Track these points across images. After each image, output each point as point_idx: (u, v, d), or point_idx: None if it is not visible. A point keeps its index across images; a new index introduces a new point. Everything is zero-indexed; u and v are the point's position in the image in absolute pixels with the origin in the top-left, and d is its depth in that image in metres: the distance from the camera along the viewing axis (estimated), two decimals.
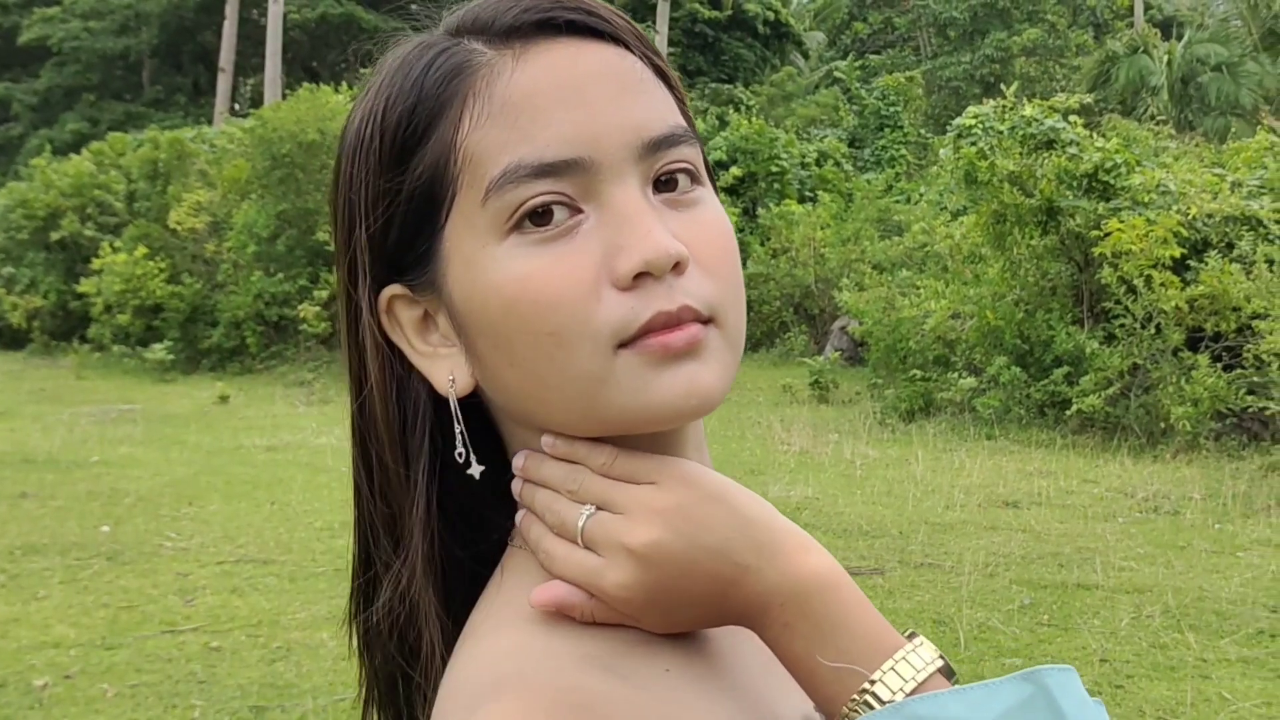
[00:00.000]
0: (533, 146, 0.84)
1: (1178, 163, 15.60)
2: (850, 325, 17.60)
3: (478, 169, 0.86)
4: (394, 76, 0.90)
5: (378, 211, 0.90)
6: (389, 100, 0.89)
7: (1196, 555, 8.01)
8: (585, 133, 0.85)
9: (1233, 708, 5.51)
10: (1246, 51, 34.95)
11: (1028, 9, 42.10)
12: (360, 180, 0.90)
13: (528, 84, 0.86)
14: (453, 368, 0.91)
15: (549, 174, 0.84)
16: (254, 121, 21.71)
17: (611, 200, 0.85)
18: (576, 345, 0.84)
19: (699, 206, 0.90)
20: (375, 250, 0.91)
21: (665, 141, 0.88)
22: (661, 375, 0.85)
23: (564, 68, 0.87)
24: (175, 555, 8.26)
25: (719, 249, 0.89)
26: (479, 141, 0.86)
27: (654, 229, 0.84)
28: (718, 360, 0.87)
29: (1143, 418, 12.35)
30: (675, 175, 0.89)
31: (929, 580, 7.51)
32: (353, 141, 0.92)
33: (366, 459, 0.94)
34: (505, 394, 0.91)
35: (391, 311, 0.92)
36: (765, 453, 11.99)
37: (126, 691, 5.82)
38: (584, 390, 0.86)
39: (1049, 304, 13.99)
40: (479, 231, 0.86)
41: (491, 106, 0.86)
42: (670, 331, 0.85)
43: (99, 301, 21.42)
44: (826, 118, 33.13)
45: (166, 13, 42.24)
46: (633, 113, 0.87)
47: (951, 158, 14.83)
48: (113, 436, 13.45)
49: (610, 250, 0.84)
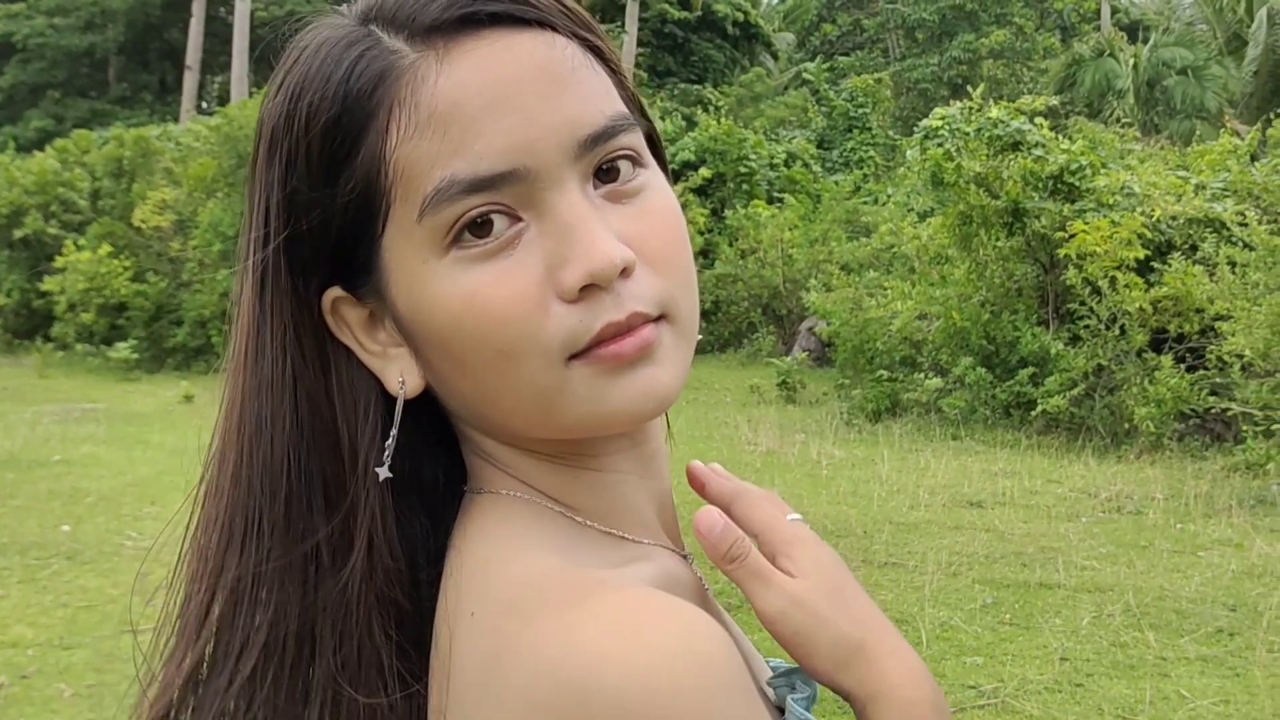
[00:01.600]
0: (465, 160, 0.82)
1: (1143, 165, 15.69)
2: (818, 326, 17.63)
3: (410, 183, 0.83)
4: (312, 78, 0.86)
5: (311, 216, 0.87)
6: (311, 107, 0.85)
7: (1158, 555, 8.06)
8: (520, 140, 0.82)
9: (1191, 705, 5.54)
10: (1211, 55, 35.26)
11: (995, 12, 42.34)
12: (288, 185, 0.87)
13: (455, 90, 0.83)
14: (403, 369, 0.89)
15: (485, 188, 0.82)
16: (220, 119, 21.61)
17: (552, 208, 0.83)
18: (527, 360, 0.83)
19: (644, 194, 0.88)
20: (309, 251, 0.88)
21: (602, 136, 0.85)
22: (618, 383, 0.85)
23: (492, 69, 0.83)
24: (136, 555, 8.19)
25: (666, 240, 0.88)
26: (408, 155, 0.83)
27: (598, 238, 0.83)
28: (671, 359, 0.87)
29: (1107, 418, 12.42)
30: (616, 164, 0.87)
31: (892, 579, 7.53)
32: (273, 142, 0.88)
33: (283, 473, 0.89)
34: (460, 401, 0.90)
35: (337, 312, 0.90)
36: (732, 453, 11.99)
37: (84, 692, 5.77)
38: (540, 401, 0.85)
39: (1014, 305, 14.06)
40: (418, 246, 0.84)
41: (419, 115, 0.83)
42: (621, 339, 0.84)
43: (62, 300, 21.26)
44: (795, 119, 33.23)
45: (133, 10, 41.98)
46: (567, 110, 0.84)
47: (918, 159, 14.88)
48: (75, 436, 13.34)
49: (554, 262, 0.83)
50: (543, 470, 0.92)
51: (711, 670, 0.75)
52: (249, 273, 0.90)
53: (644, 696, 0.73)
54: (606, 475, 0.94)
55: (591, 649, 0.75)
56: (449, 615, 0.85)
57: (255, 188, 0.90)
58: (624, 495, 0.94)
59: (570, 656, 0.75)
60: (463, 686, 0.81)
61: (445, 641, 0.84)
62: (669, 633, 0.76)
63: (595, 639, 0.76)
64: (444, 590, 0.87)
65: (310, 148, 0.85)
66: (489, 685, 0.79)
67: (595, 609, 0.78)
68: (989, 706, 5.56)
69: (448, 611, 0.85)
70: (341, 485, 0.89)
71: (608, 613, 0.77)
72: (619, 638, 0.75)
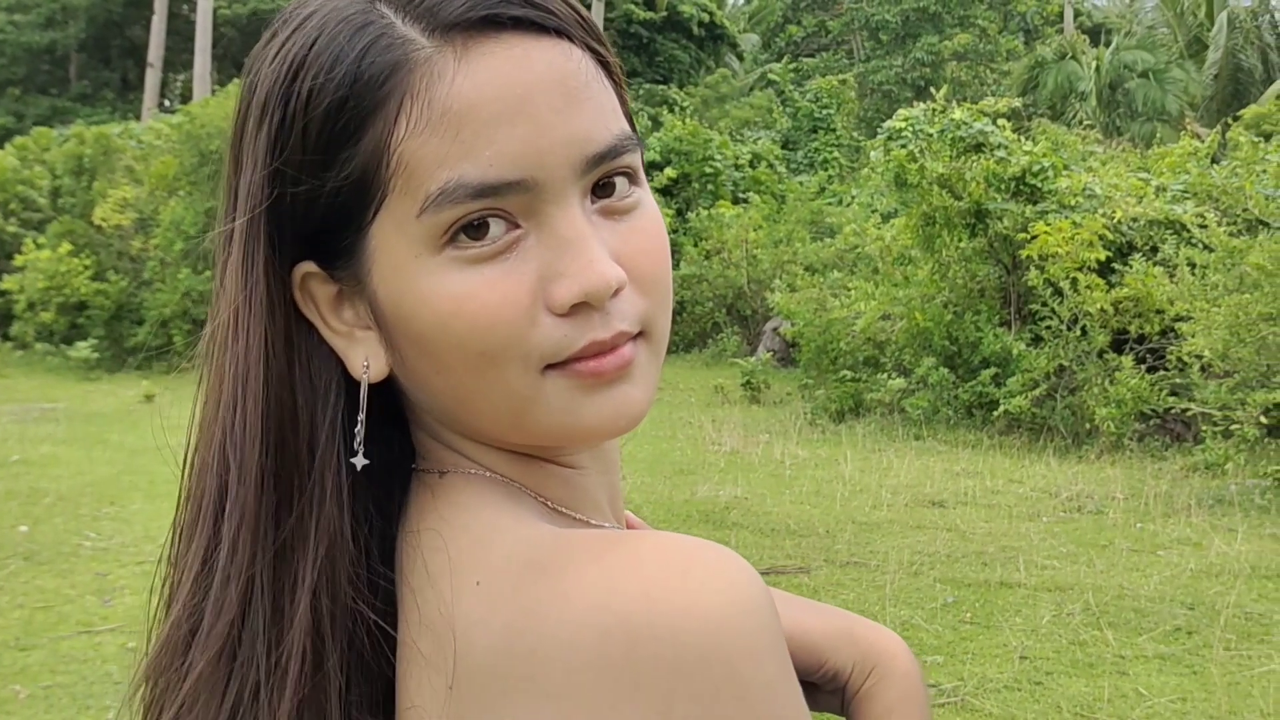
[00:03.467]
0: (474, 164, 0.81)
1: (1104, 167, 15.80)
2: (782, 326, 17.67)
3: (413, 179, 0.82)
4: (320, 52, 0.84)
5: (297, 191, 0.85)
6: (315, 83, 0.83)
7: (1118, 554, 8.11)
8: (530, 151, 0.82)
9: (1148, 703, 5.58)
10: (1172, 58, 35.60)
11: (959, 14, 42.56)
12: (276, 158, 0.85)
13: (471, 92, 0.82)
14: (368, 352, 0.89)
15: (490, 194, 0.82)
16: (183, 117, 21.46)
17: (552, 221, 0.84)
18: (507, 366, 0.84)
19: (636, 212, 0.89)
20: (289, 225, 0.87)
21: (608, 154, 0.86)
22: (593, 399, 0.86)
23: (510, 75, 0.83)
24: (94, 555, 8.13)
25: (654, 261, 0.89)
26: (416, 150, 0.82)
27: (595, 258, 0.83)
28: (644, 377, 0.88)
29: (1068, 419, 12.50)
30: (613, 179, 0.87)
31: (854, 579, 7.55)
32: (265, 110, 0.86)
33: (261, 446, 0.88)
34: (430, 395, 0.90)
35: (305, 288, 0.89)
36: (696, 453, 12.00)
37: (40, 693, 5.71)
38: (513, 407, 0.86)
39: (977, 306, 14.12)
40: (411, 240, 0.83)
41: (431, 113, 0.81)
42: (603, 357, 0.85)
43: (22, 299, 21.05)
44: (760, 120, 33.28)
45: (94, 6, 41.64)
46: (577, 126, 0.84)
47: (882, 160, 14.92)
48: (33, 435, 13.22)
49: (549, 274, 0.83)
50: (509, 460, 0.91)
51: (760, 614, 0.75)
52: (233, 246, 0.89)
53: (695, 636, 0.72)
54: (570, 470, 0.94)
55: (639, 589, 0.74)
56: (442, 590, 0.83)
57: (241, 155, 0.89)
58: (586, 487, 0.95)
59: (616, 598, 0.74)
60: (474, 663, 0.79)
61: (439, 616, 0.82)
62: (714, 572, 0.75)
63: (642, 579, 0.74)
64: (419, 567, 0.86)
65: (309, 126, 0.84)
66: (517, 653, 0.76)
67: (636, 551, 0.77)
68: (949, 705, 5.58)
69: (440, 586, 0.83)
70: (301, 466, 0.88)
71: (651, 554, 0.76)
72: (664, 579, 0.74)
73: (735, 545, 8.17)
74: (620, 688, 0.72)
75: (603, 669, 0.73)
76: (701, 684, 0.72)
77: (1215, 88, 33.86)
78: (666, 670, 0.72)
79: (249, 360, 0.88)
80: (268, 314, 0.88)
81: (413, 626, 0.85)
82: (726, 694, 0.72)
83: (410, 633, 0.85)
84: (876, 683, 1.01)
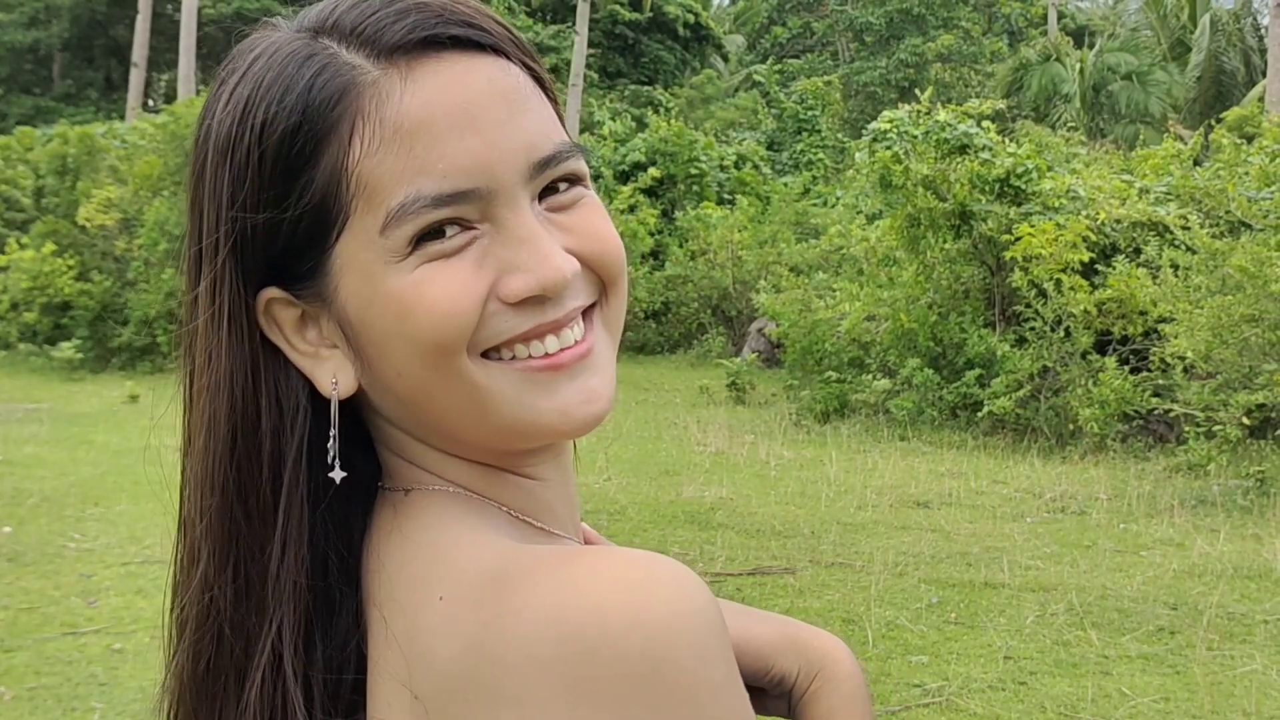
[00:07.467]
0: (430, 177, 0.85)
1: (1088, 169, 15.86)
2: (767, 327, 17.69)
3: (374, 197, 0.86)
4: (270, 86, 0.88)
5: (258, 223, 0.88)
6: (269, 114, 0.87)
7: (1101, 554, 8.14)
8: (481, 161, 0.86)
9: (1131, 703, 5.61)
10: (1156, 61, 35.72)
11: (943, 16, 42.64)
12: (237, 189, 0.88)
13: (420, 110, 0.86)
14: (335, 368, 0.91)
15: (447, 204, 0.86)
16: (167, 117, 21.39)
17: (506, 222, 0.88)
18: (460, 355, 0.87)
19: (581, 203, 0.94)
20: (253, 256, 0.90)
21: (552, 160, 0.90)
22: (554, 392, 0.90)
23: (454, 90, 0.87)
24: (79, 556, 8.11)
25: (602, 240, 0.94)
26: (373, 170, 0.86)
27: (550, 252, 0.88)
28: (603, 366, 0.93)
29: (1052, 420, 12.54)
30: (557, 184, 0.92)
31: (839, 579, 7.57)
32: (223, 146, 0.90)
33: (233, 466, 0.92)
34: (395, 401, 0.92)
35: (269, 313, 0.92)
36: (681, 454, 12.01)
37: (24, 694, 5.70)
38: (473, 398, 0.88)
39: (962, 307, 14.16)
40: (377, 252, 0.87)
41: (383, 131, 0.86)
42: (561, 353, 0.90)
43: (5, 299, 20.95)
44: (745, 121, 33.33)
45: (78, 6, 41.53)
46: (523, 135, 0.89)
47: (867, 162, 14.95)
48: (17, 436, 13.17)
49: (506, 268, 0.88)
50: (473, 473, 0.94)
51: (707, 623, 0.78)
52: (201, 280, 0.92)
53: (645, 644, 0.75)
54: (533, 482, 0.97)
55: (593, 601, 0.77)
56: (406, 605, 0.86)
57: (201, 194, 0.92)
58: (547, 499, 0.98)
59: (571, 610, 0.77)
60: (438, 673, 0.81)
61: (404, 629, 0.85)
62: (666, 584, 0.78)
63: (596, 592, 0.78)
64: (384, 583, 0.89)
65: (265, 157, 0.87)
66: (478, 664, 0.79)
67: (591, 566, 0.80)
68: (934, 705, 5.60)
69: (404, 601, 0.86)
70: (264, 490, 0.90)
71: (605, 568, 0.80)
72: (619, 591, 0.78)
73: (720, 546, 8.21)
74: (577, 696, 0.76)
75: (560, 678, 0.76)
76: (653, 689, 0.75)
77: (1198, 90, 33.99)
78: (620, 677, 0.75)
79: (219, 391, 0.91)
80: (235, 344, 0.91)
81: (379, 641, 0.88)
82: (677, 697, 0.76)
83: (377, 647, 0.88)
84: (821, 685, 1.06)
